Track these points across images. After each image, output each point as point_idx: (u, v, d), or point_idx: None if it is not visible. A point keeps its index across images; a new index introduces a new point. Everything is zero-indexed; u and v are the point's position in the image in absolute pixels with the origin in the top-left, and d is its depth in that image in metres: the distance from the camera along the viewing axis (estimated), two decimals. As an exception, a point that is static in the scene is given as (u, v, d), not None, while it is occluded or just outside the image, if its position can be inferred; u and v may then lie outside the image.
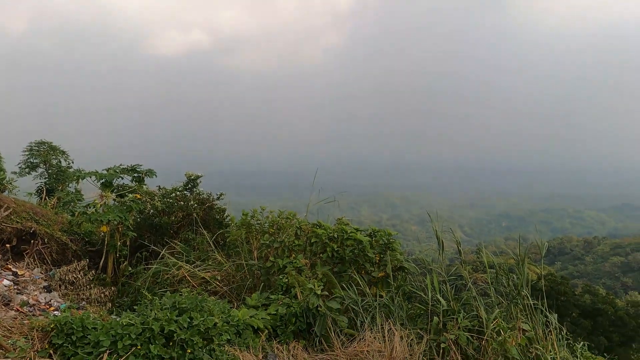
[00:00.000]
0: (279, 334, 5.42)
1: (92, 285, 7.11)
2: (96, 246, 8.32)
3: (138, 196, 8.51)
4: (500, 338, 4.92)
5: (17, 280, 6.48)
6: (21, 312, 5.29)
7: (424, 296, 5.58)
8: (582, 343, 6.16)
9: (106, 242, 7.73)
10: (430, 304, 5.40)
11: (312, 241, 6.83)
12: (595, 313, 25.47)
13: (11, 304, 5.46)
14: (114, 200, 8.34)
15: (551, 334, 5.35)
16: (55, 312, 5.51)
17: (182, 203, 9.37)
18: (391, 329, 5.18)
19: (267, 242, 7.01)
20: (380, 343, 5.05)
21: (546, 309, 5.61)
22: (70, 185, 15.13)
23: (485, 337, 5.03)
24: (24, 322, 4.72)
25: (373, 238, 6.95)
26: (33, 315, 5.29)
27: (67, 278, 6.92)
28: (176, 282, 7.08)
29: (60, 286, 6.79)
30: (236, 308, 5.74)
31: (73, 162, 16.12)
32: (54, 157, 15.79)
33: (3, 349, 4.09)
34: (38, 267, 7.28)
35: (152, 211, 9.19)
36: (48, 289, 6.46)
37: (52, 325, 4.37)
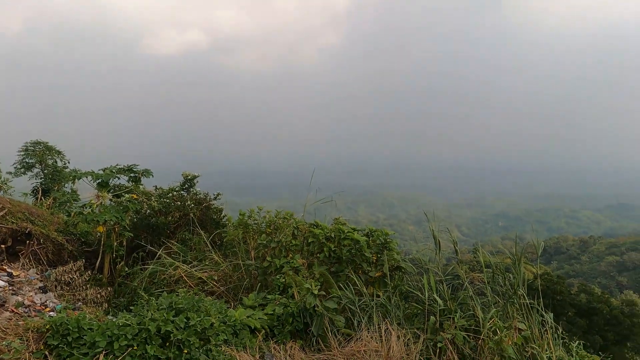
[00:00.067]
0: (276, 334, 5.41)
1: (89, 285, 7.07)
2: (92, 246, 8.29)
3: (134, 196, 8.49)
4: (496, 337, 4.94)
5: (13, 281, 6.43)
6: (16, 313, 5.25)
7: (421, 296, 5.60)
8: (578, 342, 6.19)
9: (102, 243, 7.70)
10: (427, 304, 5.42)
11: (309, 241, 6.83)
12: (590, 312, 25.67)
13: (6, 305, 5.42)
14: (111, 200, 8.31)
15: (547, 333, 5.37)
16: (51, 313, 5.47)
17: (179, 203, 9.35)
18: (388, 329, 5.19)
19: (264, 242, 7.00)
20: (377, 343, 5.05)
21: (542, 308, 5.64)
22: (66, 185, 15.05)
23: (481, 337, 5.05)
24: (19, 323, 4.69)
25: (370, 238, 6.96)
26: (28, 316, 5.25)
27: (63, 278, 6.88)
28: (173, 283, 7.06)
29: (56, 287, 6.75)
30: (233, 308, 5.72)
31: (69, 162, 16.06)
32: (50, 157, 15.71)
33: (-2, 350, 4.06)
34: (34, 268, 7.24)
35: (149, 211, 9.16)
36: (44, 290, 6.42)
37: (48, 326, 4.35)
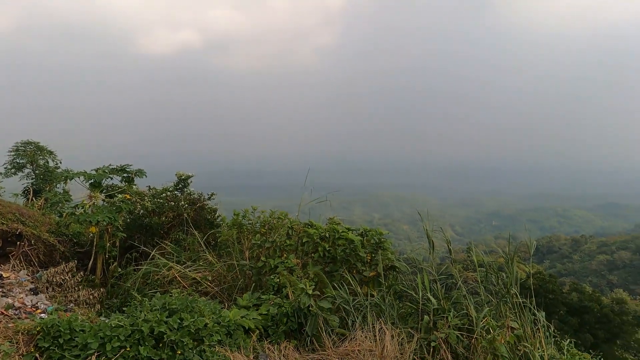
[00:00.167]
0: (270, 334, 5.41)
1: (81, 287, 7.00)
2: (85, 247, 8.20)
3: (127, 196, 8.42)
4: (489, 336, 4.98)
5: (2, 282, 6.34)
6: (6, 315, 5.18)
7: (415, 295, 5.63)
8: (569, 340, 6.27)
9: (95, 243, 7.63)
10: (420, 303, 5.44)
11: (304, 241, 6.83)
12: (582, 311, 26.02)
13: (-4, 307, 5.35)
14: (103, 200, 8.23)
15: (539, 332, 5.43)
16: (42, 315, 5.40)
17: (173, 203, 9.30)
18: (382, 328, 5.20)
19: (259, 242, 6.98)
20: (371, 342, 5.07)
21: (534, 307, 5.69)
22: (58, 185, 14.87)
23: (474, 336, 5.09)
24: (9, 326, 4.63)
25: (364, 237, 6.98)
26: (19, 318, 5.18)
27: (55, 280, 6.80)
28: (166, 283, 7.02)
29: (47, 288, 6.67)
30: (227, 308, 5.70)
31: (61, 163, 15.86)
32: (41, 157, 15.50)
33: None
34: (24, 269, 7.14)
35: (142, 211, 9.09)
36: (35, 291, 6.34)
37: (39, 328, 4.29)
